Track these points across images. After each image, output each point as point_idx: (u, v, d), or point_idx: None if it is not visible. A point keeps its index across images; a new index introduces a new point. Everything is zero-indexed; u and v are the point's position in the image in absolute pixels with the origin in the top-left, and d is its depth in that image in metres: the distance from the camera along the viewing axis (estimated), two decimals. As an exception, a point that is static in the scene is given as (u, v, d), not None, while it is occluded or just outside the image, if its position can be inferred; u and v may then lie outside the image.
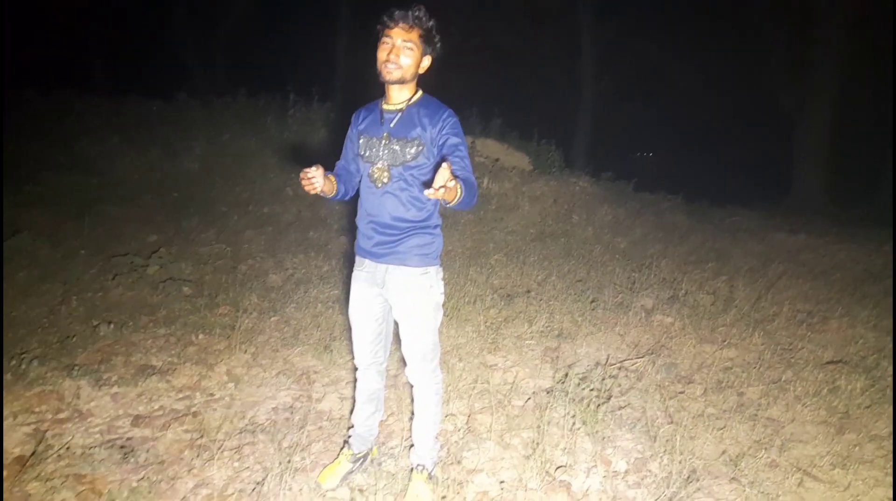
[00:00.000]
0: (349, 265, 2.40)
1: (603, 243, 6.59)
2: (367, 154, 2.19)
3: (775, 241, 7.21)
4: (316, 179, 1.94)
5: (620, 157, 20.29)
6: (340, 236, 6.13)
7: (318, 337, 3.87)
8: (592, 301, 4.74)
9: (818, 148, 12.42)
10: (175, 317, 4.07)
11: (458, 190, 1.80)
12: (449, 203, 1.81)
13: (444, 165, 1.67)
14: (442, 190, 1.67)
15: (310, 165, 1.95)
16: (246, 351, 3.65)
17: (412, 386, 2.41)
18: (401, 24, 2.04)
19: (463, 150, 2.09)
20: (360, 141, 2.22)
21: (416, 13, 2.04)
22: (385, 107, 2.18)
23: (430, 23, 2.08)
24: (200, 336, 3.80)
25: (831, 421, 3.16)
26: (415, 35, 2.05)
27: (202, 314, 4.14)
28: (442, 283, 2.29)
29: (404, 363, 2.37)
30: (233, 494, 2.38)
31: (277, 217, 6.71)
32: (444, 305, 2.32)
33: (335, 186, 2.17)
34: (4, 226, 5.13)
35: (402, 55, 2.05)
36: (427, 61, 2.14)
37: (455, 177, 1.79)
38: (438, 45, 2.13)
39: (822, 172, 12.39)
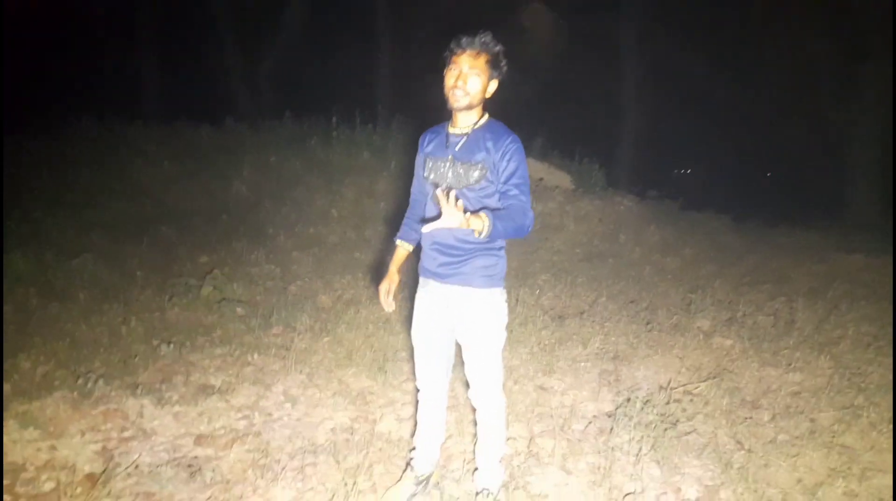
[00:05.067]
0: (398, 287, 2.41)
1: (652, 263, 6.46)
2: (432, 177, 2.19)
3: (833, 261, 6.93)
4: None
5: (665, 175, 19.92)
6: (387, 257, 6.14)
7: (371, 358, 3.86)
8: (647, 323, 4.63)
9: (871, 163, 12.05)
10: (230, 337, 4.13)
11: (485, 222, 1.83)
12: (481, 235, 1.82)
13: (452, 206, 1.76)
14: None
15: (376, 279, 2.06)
16: (301, 372, 3.67)
17: (475, 409, 2.37)
18: (468, 51, 2.03)
19: (519, 178, 2.07)
20: (427, 164, 2.22)
21: (483, 38, 2.04)
22: (451, 130, 2.19)
23: (497, 48, 2.07)
24: (256, 356, 3.83)
25: (912, 451, 2.98)
26: (482, 61, 2.05)
27: (256, 334, 4.19)
28: (506, 305, 2.26)
29: (466, 386, 2.33)
30: (298, 516, 2.36)
31: (324, 238, 6.78)
32: None
33: (410, 249, 2.44)
34: (69, 248, 5.32)
35: (469, 81, 2.05)
36: (494, 85, 2.13)
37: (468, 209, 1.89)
38: (505, 69, 2.12)
39: (876, 187, 12.00)
